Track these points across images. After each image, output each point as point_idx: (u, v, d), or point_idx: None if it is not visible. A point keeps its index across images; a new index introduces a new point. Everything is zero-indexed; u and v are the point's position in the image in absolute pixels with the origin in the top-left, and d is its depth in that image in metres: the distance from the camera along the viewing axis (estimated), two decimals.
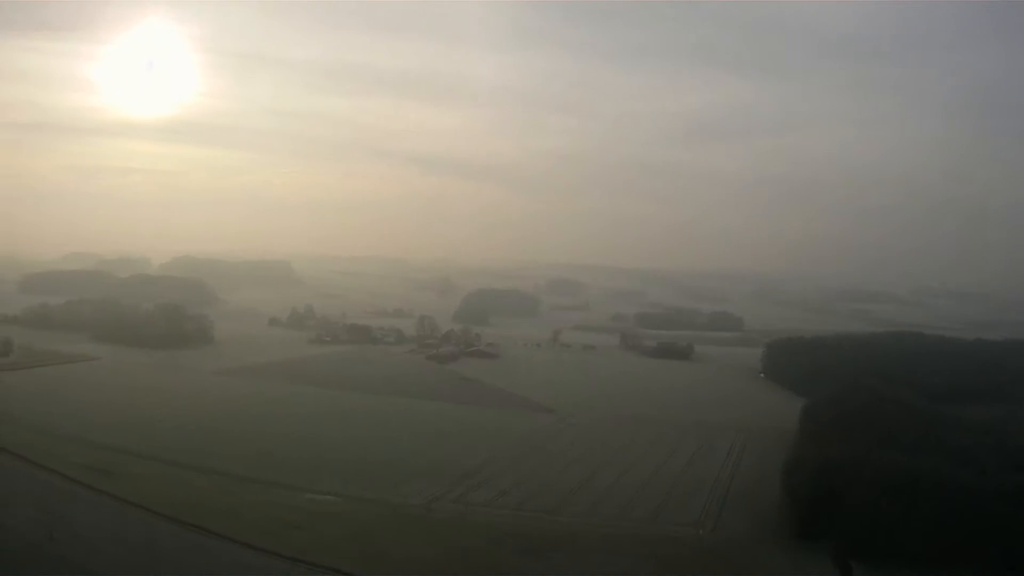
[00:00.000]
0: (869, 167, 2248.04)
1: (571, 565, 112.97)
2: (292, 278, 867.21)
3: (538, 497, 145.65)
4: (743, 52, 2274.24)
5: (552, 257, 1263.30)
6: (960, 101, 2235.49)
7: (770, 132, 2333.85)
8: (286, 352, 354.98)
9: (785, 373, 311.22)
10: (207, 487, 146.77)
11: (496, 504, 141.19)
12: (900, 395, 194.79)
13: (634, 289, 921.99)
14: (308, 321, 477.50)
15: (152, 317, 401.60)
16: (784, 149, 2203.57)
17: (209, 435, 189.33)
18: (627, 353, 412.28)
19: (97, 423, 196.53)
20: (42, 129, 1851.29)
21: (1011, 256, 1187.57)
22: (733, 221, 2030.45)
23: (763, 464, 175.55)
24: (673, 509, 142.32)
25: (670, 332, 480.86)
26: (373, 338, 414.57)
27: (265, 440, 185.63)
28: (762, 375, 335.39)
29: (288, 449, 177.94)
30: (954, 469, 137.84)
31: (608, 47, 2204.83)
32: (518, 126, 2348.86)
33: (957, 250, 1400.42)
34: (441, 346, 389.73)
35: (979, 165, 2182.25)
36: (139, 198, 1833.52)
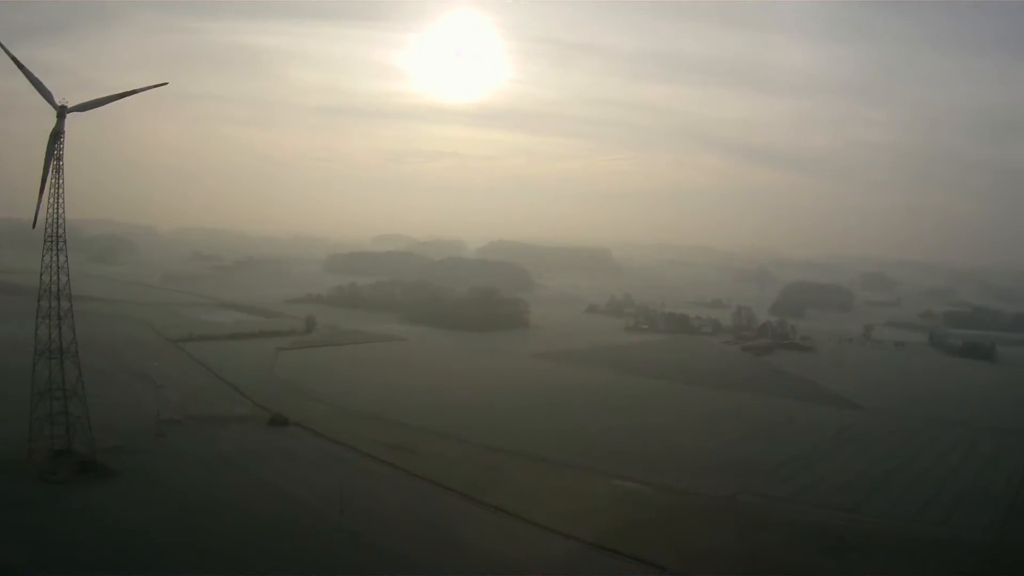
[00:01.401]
0: None
1: (868, 566, 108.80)
2: (611, 265, 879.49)
3: (839, 494, 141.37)
4: None
5: (865, 251, 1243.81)
6: None
7: None
8: (603, 339, 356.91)
9: None
10: (510, 468, 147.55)
11: (798, 499, 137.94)
12: None
13: (944, 286, 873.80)
14: (626, 309, 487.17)
15: (466, 299, 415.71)
16: None
17: (517, 417, 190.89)
18: (934, 351, 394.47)
19: (400, 401, 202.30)
20: (349, 114, 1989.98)
21: None
22: None
23: None
24: (966, 513, 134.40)
25: (975, 332, 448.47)
26: (690, 327, 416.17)
27: (574, 425, 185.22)
28: None
29: (596, 434, 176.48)
30: None
31: (924, 37, 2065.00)
32: (834, 116, 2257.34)
33: None
34: (757, 338, 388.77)
35: None
36: (451, 183, 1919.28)
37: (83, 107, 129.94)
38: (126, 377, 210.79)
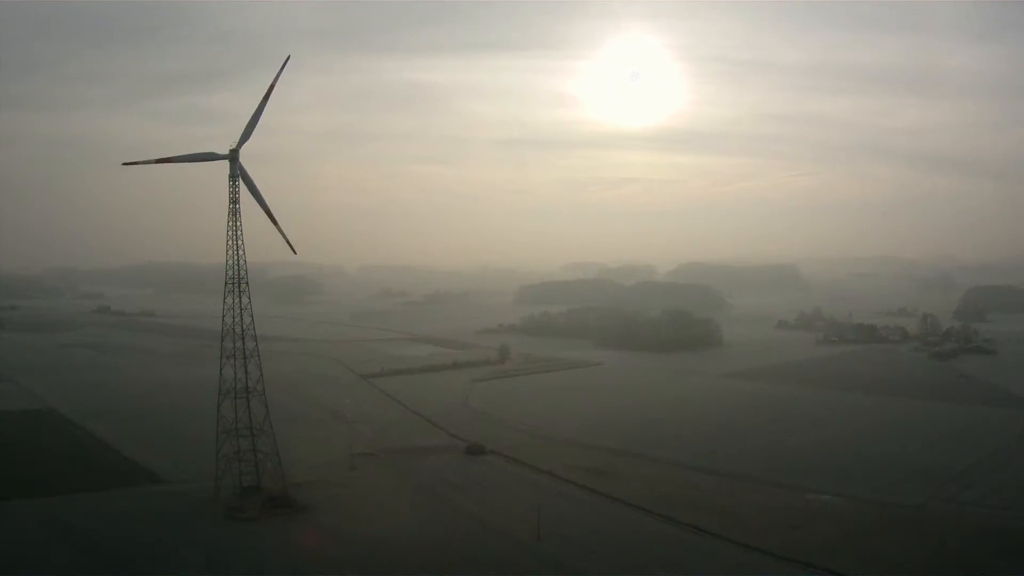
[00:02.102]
0: None
1: None
2: (798, 281, 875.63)
3: None
4: None
5: None
6: None
7: None
8: (793, 354, 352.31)
9: None
10: (707, 487, 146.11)
11: (985, 504, 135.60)
12: None
13: None
14: (816, 322, 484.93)
15: (659, 322, 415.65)
16: None
17: (712, 436, 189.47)
18: None
19: (595, 425, 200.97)
20: (530, 145, 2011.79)
21: None
22: None
23: None
24: None
25: None
26: (878, 337, 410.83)
27: (768, 441, 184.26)
28: None
29: (790, 449, 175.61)
30: None
31: None
32: (1007, 118, 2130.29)
33: None
34: (942, 343, 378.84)
35: None
36: (637, 208, 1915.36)
37: (243, 173, 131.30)
38: (318, 413, 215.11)
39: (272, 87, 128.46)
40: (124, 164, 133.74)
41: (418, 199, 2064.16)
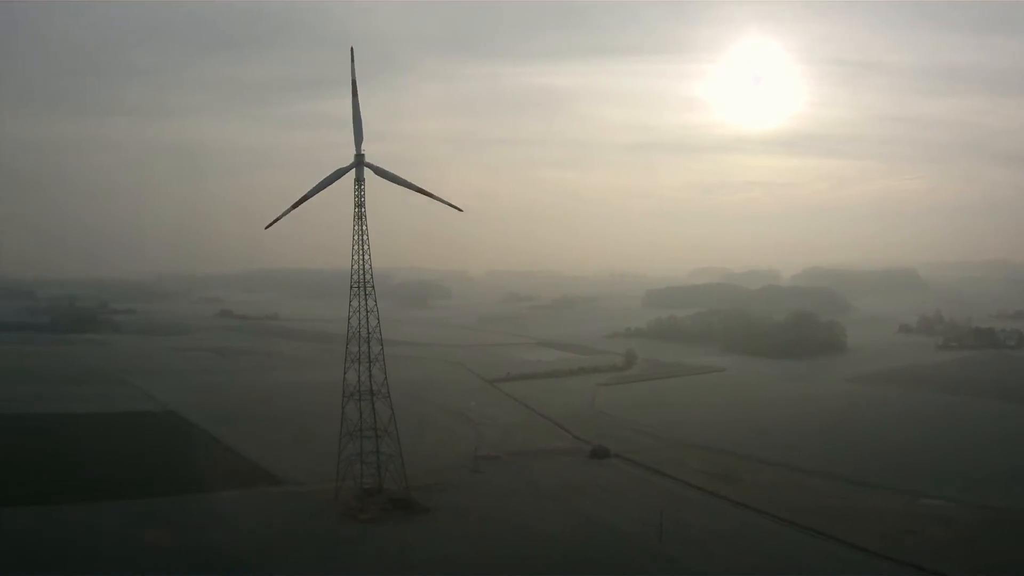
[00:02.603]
0: None
1: None
2: (918, 284, 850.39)
3: None
4: None
5: None
6: None
7: None
8: (914, 358, 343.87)
9: None
10: (827, 491, 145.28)
11: None
12: None
13: None
14: (936, 326, 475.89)
15: (783, 327, 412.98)
16: None
17: (835, 441, 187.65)
18: None
19: (720, 430, 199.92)
20: (658, 149, 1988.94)
21: None
22: None
23: None
24: None
25: None
26: (995, 341, 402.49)
27: (887, 445, 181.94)
28: None
29: (910, 454, 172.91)
30: None
31: None
32: None
33: None
34: None
35: None
36: (760, 212, 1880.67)
37: (377, 171, 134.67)
38: (442, 416, 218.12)
39: (354, 82, 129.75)
40: (266, 228, 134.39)
41: (544, 204, 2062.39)
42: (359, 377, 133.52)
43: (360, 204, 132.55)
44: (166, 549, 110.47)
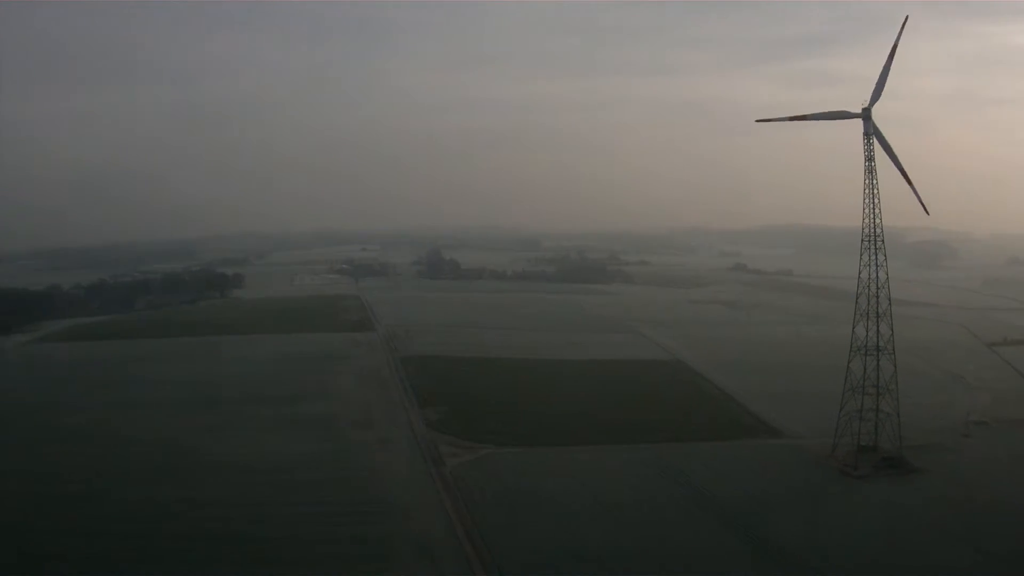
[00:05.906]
0: None
1: None
2: None
3: None
4: None
5: None
6: None
7: None
8: None
9: None
10: None
11: None
12: None
13: None
14: None
15: None
16: None
17: None
18: None
19: None
20: None
21: None
22: None
23: None
24: None
25: None
26: None
27: None
28: None
29: None
30: None
31: None
32: None
33: None
34: None
35: None
36: None
37: (878, 136, 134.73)
38: (939, 377, 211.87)
39: (894, 47, 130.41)
40: (757, 121, 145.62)
41: None
42: (867, 332, 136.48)
43: (870, 158, 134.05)
44: (660, 496, 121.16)
